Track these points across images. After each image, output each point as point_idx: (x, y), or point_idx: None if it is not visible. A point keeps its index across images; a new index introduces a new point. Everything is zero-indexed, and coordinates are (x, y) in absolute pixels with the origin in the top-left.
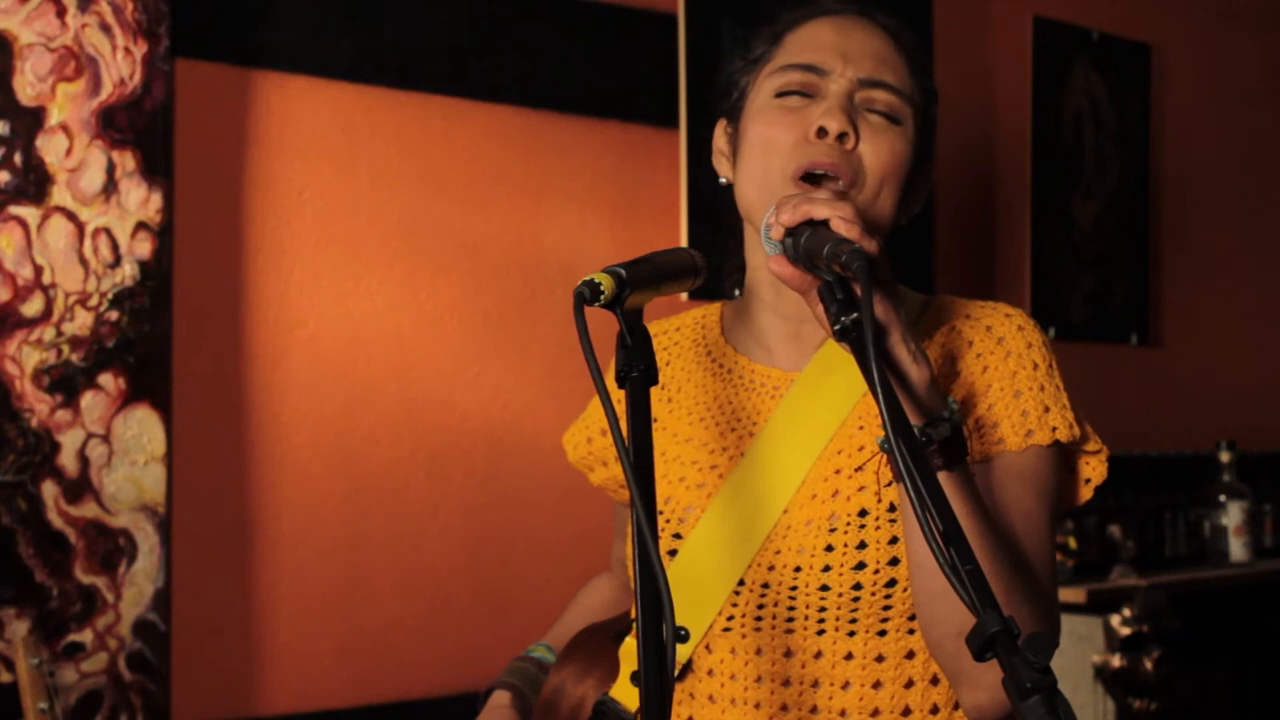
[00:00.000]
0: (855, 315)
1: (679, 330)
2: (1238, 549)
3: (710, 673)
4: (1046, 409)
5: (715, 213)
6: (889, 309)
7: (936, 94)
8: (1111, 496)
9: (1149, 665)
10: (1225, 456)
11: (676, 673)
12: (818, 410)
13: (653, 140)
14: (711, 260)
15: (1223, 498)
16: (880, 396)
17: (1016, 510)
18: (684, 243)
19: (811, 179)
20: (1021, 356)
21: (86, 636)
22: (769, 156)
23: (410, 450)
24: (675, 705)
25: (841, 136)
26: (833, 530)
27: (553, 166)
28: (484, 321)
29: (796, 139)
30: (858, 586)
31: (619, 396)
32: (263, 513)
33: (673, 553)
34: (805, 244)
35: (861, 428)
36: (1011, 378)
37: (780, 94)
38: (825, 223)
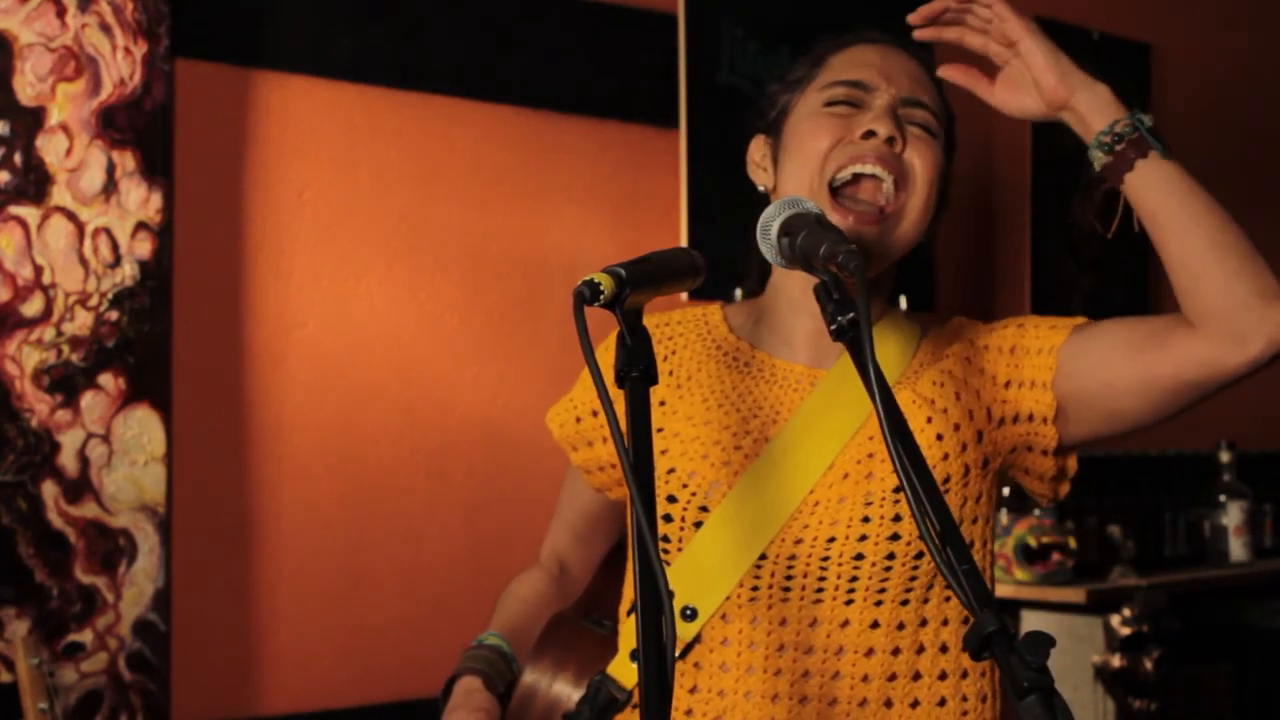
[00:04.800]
0: (851, 315)
1: (680, 323)
2: (1238, 549)
3: (725, 642)
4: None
5: (715, 213)
6: None
7: (955, 118)
8: (1111, 496)
9: (1149, 665)
10: (1225, 456)
11: (684, 644)
12: (847, 403)
13: (653, 140)
14: (711, 260)
15: (1223, 498)
16: (877, 397)
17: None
18: (684, 243)
19: (852, 183)
20: (1029, 317)
21: (86, 636)
22: (813, 158)
23: (410, 450)
24: (677, 675)
25: (890, 140)
26: (869, 504)
27: (553, 166)
28: (484, 321)
29: (841, 140)
30: (891, 556)
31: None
32: (263, 513)
33: (698, 524)
34: (801, 244)
35: None
36: (1034, 324)
37: (828, 104)
38: (822, 224)
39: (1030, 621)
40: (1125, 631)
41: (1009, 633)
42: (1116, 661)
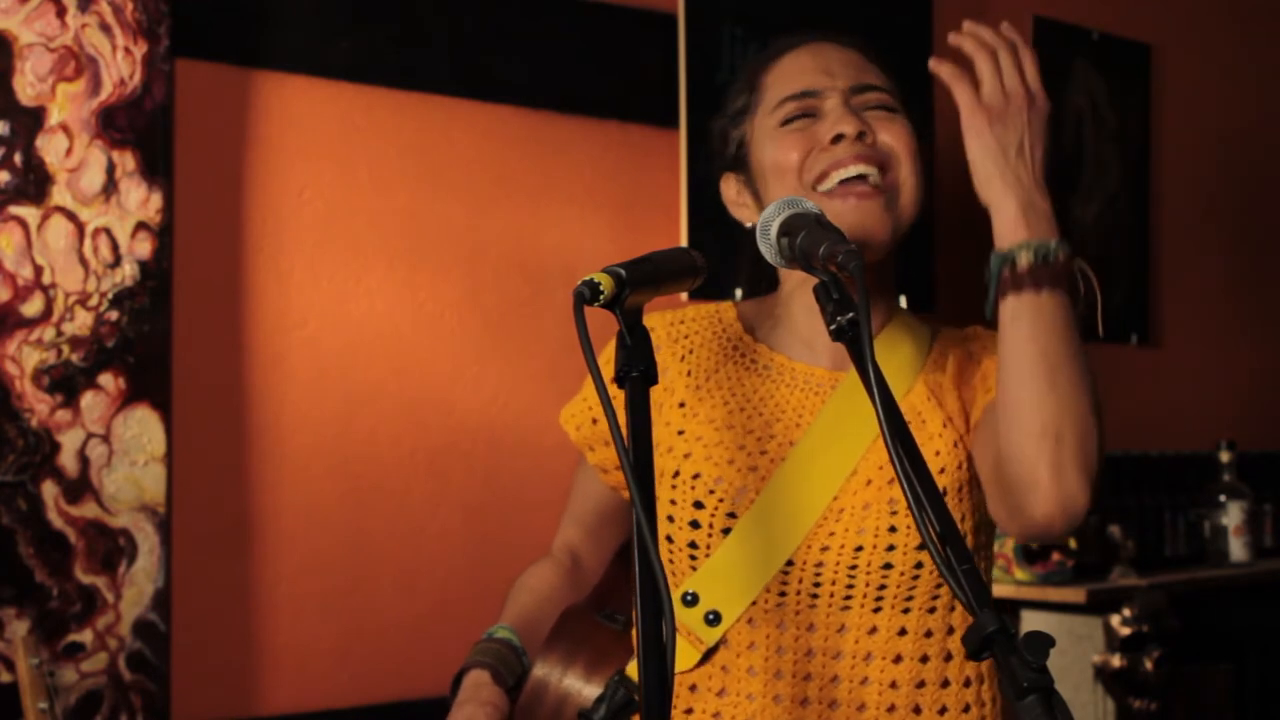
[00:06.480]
0: (851, 315)
1: (694, 320)
2: (1238, 549)
3: (752, 646)
4: None
5: (715, 213)
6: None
7: (908, 86)
8: (1111, 496)
9: (1149, 665)
10: (1225, 456)
11: (707, 649)
12: (868, 406)
13: (653, 140)
14: (711, 260)
15: (1223, 498)
16: (876, 397)
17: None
18: (684, 243)
19: (841, 188)
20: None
21: (86, 636)
22: (789, 171)
23: (410, 450)
24: (705, 679)
25: (860, 135)
26: (894, 513)
27: (553, 166)
28: (484, 321)
29: (810, 151)
30: (919, 566)
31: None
32: (263, 513)
33: (726, 531)
34: (801, 244)
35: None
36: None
37: (785, 122)
38: (822, 223)
39: (1030, 621)
40: (1125, 631)
41: (1009, 632)
42: (1116, 661)
